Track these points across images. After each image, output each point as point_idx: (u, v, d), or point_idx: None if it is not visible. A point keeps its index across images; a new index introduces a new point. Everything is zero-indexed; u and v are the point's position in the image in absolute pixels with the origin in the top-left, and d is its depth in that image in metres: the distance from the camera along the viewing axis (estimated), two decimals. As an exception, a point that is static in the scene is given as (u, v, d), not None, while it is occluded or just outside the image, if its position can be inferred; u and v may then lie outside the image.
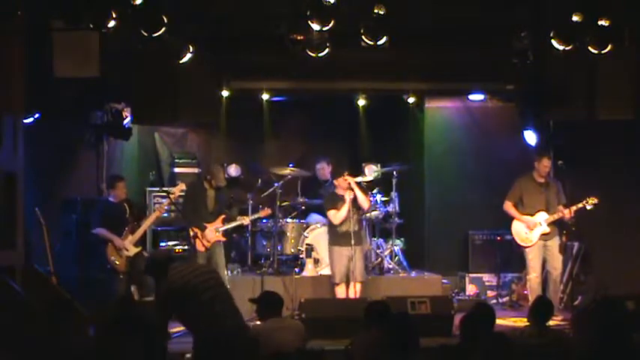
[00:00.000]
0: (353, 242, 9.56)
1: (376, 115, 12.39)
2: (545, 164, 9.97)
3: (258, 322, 7.17)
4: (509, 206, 10.08)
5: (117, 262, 9.59)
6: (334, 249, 9.77)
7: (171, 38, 8.47)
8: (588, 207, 9.79)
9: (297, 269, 10.89)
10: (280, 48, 9.03)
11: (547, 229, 9.90)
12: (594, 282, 10.67)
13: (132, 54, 8.77)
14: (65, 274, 9.55)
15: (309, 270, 10.71)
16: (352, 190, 9.67)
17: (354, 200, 9.67)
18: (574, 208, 9.81)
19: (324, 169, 11.65)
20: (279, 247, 11.04)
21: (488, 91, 11.31)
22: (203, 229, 9.85)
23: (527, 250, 9.98)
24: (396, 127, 12.52)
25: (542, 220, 9.88)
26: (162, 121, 10.84)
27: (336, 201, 9.80)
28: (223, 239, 10.01)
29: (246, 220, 10.29)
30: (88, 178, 10.93)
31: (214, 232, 9.90)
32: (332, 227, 9.87)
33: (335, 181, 9.92)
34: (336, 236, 9.79)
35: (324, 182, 11.59)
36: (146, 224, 9.84)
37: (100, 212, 9.80)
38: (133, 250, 9.65)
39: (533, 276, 9.91)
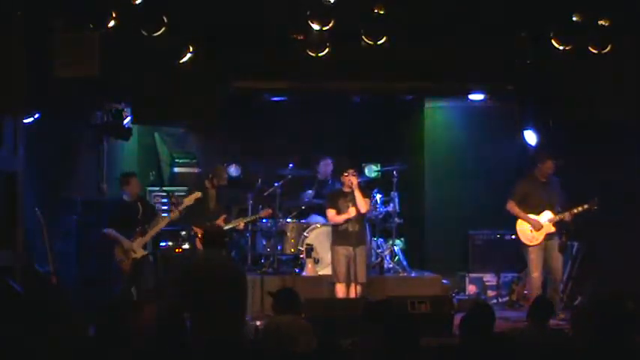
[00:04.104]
0: (353, 242, 9.56)
1: (376, 115, 12.40)
2: (548, 166, 9.94)
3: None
4: (512, 205, 9.98)
5: (123, 263, 9.56)
6: (335, 248, 9.77)
7: (172, 38, 8.47)
8: (588, 209, 9.80)
9: (297, 269, 10.90)
10: (280, 48, 9.03)
11: (552, 229, 9.89)
12: (594, 282, 10.67)
13: (132, 54, 8.77)
14: (65, 274, 9.55)
15: (309, 270, 10.71)
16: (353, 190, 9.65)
17: (354, 201, 9.65)
18: (577, 210, 9.80)
19: (327, 167, 11.61)
20: (279, 247, 11.04)
21: (488, 91, 11.31)
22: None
23: (530, 249, 9.93)
24: (396, 127, 12.52)
25: (547, 219, 9.87)
26: (162, 121, 10.84)
27: (338, 199, 9.77)
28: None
29: (240, 225, 10.27)
30: (88, 178, 10.93)
31: (216, 231, 9.91)
32: (334, 226, 9.87)
33: (342, 178, 9.87)
34: (337, 235, 9.78)
35: (326, 182, 11.57)
36: (157, 228, 9.72)
37: (112, 212, 9.77)
38: (140, 253, 9.59)
39: (536, 276, 9.87)
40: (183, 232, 10.61)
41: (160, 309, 5.69)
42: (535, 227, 9.87)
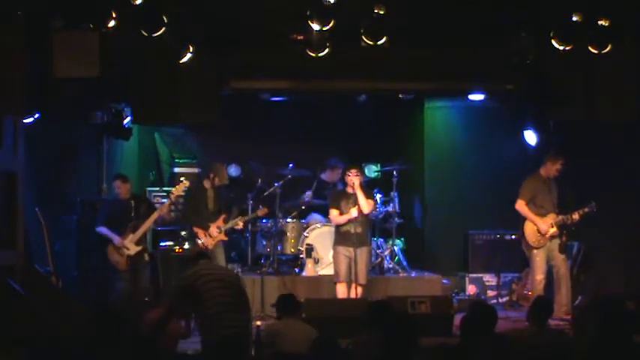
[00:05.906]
0: (355, 243, 9.55)
1: (376, 115, 12.39)
2: (558, 168, 9.91)
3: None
4: (522, 205, 9.91)
5: (118, 261, 9.58)
6: (337, 248, 9.78)
7: (172, 38, 8.47)
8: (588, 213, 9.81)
9: (297, 269, 10.89)
10: (280, 48, 9.03)
11: (557, 231, 9.88)
12: (594, 282, 10.67)
13: (132, 54, 8.77)
14: (65, 274, 9.56)
15: (309, 270, 10.71)
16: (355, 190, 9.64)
17: (356, 202, 9.64)
18: (581, 212, 9.79)
19: (337, 174, 11.50)
20: (279, 247, 11.03)
21: (488, 91, 11.30)
22: (206, 228, 9.87)
23: (535, 251, 9.88)
24: (396, 127, 12.52)
25: (552, 221, 9.84)
26: (162, 121, 10.84)
27: (341, 199, 9.77)
28: (225, 238, 10.03)
29: (239, 225, 10.26)
30: (88, 178, 10.94)
31: (217, 231, 9.91)
32: (336, 227, 9.87)
33: (345, 178, 9.87)
34: (339, 236, 9.80)
35: (330, 184, 11.52)
36: (147, 223, 9.76)
37: (105, 210, 9.82)
38: (134, 249, 9.61)
39: (539, 278, 9.82)
40: (184, 232, 10.61)
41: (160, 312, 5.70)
42: (543, 229, 9.84)
